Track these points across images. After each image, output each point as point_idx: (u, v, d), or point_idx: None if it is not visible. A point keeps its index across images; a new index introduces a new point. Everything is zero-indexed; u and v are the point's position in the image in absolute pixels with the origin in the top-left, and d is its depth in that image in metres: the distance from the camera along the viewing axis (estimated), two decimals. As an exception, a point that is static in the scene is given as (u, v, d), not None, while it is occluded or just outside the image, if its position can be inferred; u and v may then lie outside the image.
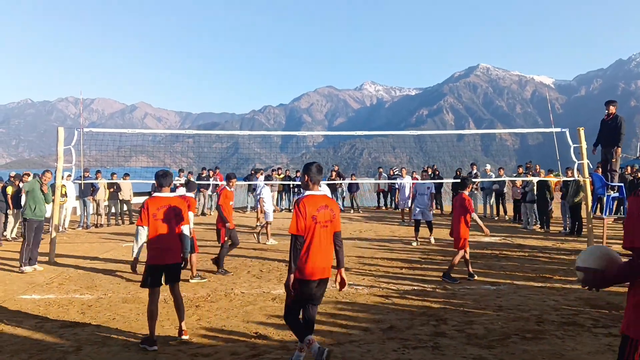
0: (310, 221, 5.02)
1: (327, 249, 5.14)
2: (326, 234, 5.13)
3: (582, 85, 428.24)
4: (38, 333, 6.42)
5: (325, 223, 5.11)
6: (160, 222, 6.06)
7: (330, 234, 5.18)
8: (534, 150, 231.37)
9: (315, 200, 5.13)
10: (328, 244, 5.16)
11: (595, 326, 6.39)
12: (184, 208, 6.33)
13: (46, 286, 9.12)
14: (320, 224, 5.07)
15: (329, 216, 5.15)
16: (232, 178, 10.89)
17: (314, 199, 5.15)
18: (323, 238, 5.09)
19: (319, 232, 5.06)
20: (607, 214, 12.47)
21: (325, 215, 5.11)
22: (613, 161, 11.82)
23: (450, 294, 8.19)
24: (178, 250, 6.19)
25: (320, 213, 5.08)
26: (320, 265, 5.07)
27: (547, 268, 10.22)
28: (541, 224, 16.33)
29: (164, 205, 6.14)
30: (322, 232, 5.08)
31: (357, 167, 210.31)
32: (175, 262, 6.14)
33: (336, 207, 5.34)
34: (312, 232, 5.04)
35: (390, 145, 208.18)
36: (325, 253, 5.11)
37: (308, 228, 5.03)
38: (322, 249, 5.07)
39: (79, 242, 14.41)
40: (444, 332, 6.21)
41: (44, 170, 11.40)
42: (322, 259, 5.09)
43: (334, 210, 5.24)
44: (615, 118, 11.83)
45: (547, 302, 7.61)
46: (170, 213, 6.13)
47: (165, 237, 6.06)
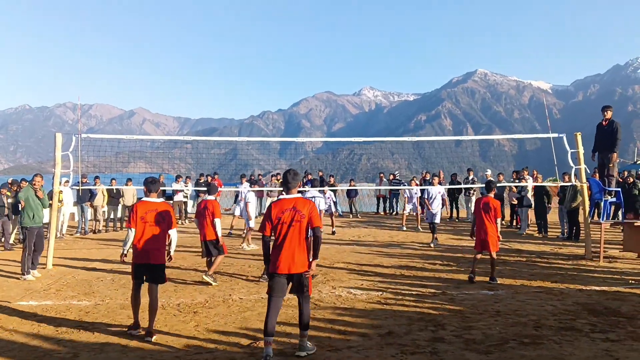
0: (276, 222, 5.63)
1: (297, 247, 5.60)
2: (296, 233, 5.61)
3: (579, 91, 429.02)
4: (35, 339, 6.40)
5: (291, 223, 5.60)
6: (146, 225, 6.54)
7: (301, 231, 5.64)
8: (532, 155, 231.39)
9: (282, 204, 5.70)
10: (298, 242, 5.63)
11: (593, 331, 6.39)
12: (171, 213, 6.82)
13: (44, 292, 9.11)
14: (285, 224, 5.61)
15: (297, 216, 5.61)
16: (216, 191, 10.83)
17: (282, 202, 5.72)
18: (293, 236, 5.60)
19: (286, 231, 5.61)
20: (604, 219, 12.49)
21: (289, 215, 5.61)
22: (610, 166, 11.84)
23: (449, 299, 8.19)
24: (161, 253, 6.69)
25: (285, 214, 5.62)
26: (287, 261, 5.58)
27: (545, 273, 10.24)
28: (539, 229, 16.34)
29: (151, 209, 6.62)
30: (290, 230, 5.60)
31: (355, 173, 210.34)
32: (157, 263, 6.62)
33: (307, 206, 5.71)
34: (280, 231, 5.63)
35: (389, 150, 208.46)
36: (292, 250, 5.60)
37: (276, 228, 5.64)
38: (290, 246, 5.59)
39: (77, 248, 14.39)
40: (442, 338, 6.20)
41: (34, 175, 11.39)
42: (289, 255, 5.58)
43: (303, 210, 5.65)
44: (611, 123, 11.87)
45: (545, 307, 7.61)
46: (156, 217, 6.61)
47: (150, 239, 6.57)
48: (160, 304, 7.91)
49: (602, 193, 12.14)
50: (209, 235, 9.62)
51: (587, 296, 8.27)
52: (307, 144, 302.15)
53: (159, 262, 6.66)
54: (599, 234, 12.34)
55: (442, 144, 30.05)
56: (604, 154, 11.94)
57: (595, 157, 12.24)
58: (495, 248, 9.63)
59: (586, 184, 12.43)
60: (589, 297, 8.22)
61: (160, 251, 6.67)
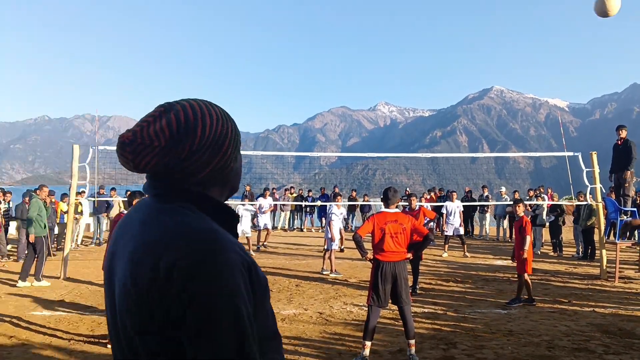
0: (380, 232, 6.33)
1: (397, 256, 6.31)
2: (398, 243, 6.28)
3: (596, 109, 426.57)
4: (48, 350, 6.45)
5: (394, 234, 6.31)
6: None
7: (404, 242, 6.34)
8: (548, 173, 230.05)
9: (385, 216, 6.39)
10: (399, 251, 6.29)
11: (607, 352, 6.30)
12: None
13: (57, 303, 9.17)
14: (388, 234, 6.29)
15: (399, 229, 6.32)
16: None
17: (385, 215, 6.42)
18: (396, 246, 6.27)
19: (390, 241, 6.27)
20: (620, 239, 12.36)
21: (393, 228, 6.30)
22: (626, 186, 11.74)
23: (461, 318, 8.13)
24: None
25: (388, 226, 6.30)
26: (389, 269, 6.31)
27: (559, 292, 10.13)
28: (554, 248, 16.21)
29: None
30: (393, 241, 6.28)
31: (370, 187, 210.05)
32: None
33: (408, 220, 6.45)
34: (382, 240, 6.31)
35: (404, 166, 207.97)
36: (393, 259, 6.32)
37: (378, 237, 6.34)
38: (392, 256, 6.29)
39: (92, 259, 14.48)
40: (453, 356, 6.16)
41: (40, 185, 11.69)
42: (391, 263, 6.27)
43: (405, 223, 6.38)
44: (625, 142, 11.81)
45: (558, 327, 7.53)
46: None
47: None
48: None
49: (617, 213, 12.03)
50: None
51: (602, 317, 8.17)
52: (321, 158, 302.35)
53: None
54: (614, 254, 12.21)
55: (458, 160, 29.96)
56: (619, 173, 11.86)
57: (612, 178, 12.16)
58: (520, 270, 9.16)
59: (601, 203, 12.32)
60: (603, 318, 8.12)
61: None
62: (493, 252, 16.15)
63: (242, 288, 1.21)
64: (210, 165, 1.38)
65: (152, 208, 1.36)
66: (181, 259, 1.19)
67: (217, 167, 1.40)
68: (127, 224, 1.40)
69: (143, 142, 1.32)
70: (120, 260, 1.32)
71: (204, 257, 1.20)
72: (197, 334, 1.15)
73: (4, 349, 6.47)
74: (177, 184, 1.37)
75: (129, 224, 1.39)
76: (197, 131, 1.35)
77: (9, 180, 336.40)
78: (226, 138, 1.40)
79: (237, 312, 1.18)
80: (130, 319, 1.24)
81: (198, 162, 1.36)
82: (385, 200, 6.53)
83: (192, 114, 1.35)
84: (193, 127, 1.34)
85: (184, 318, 1.16)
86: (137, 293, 1.22)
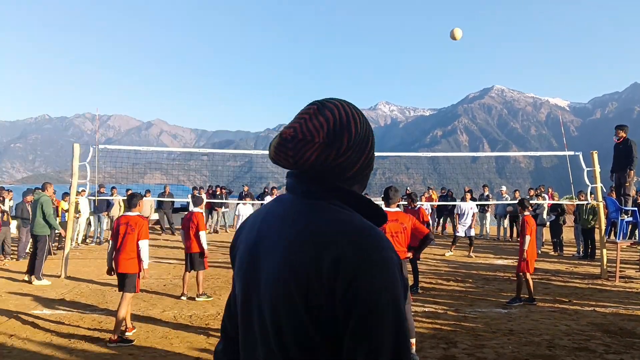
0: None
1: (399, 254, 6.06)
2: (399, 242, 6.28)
3: (597, 108, 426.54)
4: (48, 348, 6.45)
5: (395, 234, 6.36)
6: (119, 237, 7.05)
7: (405, 240, 6.40)
8: (549, 172, 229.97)
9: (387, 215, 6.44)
10: (399, 250, 6.19)
11: (607, 352, 6.30)
12: (141, 225, 7.14)
13: (57, 301, 9.17)
14: (388, 233, 6.33)
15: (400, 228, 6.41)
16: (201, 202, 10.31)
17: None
18: (396, 245, 6.16)
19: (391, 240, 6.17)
20: (620, 238, 12.35)
21: (394, 227, 6.37)
22: (626, 185, 11.73)
23: (461, 317, 8.13)
24: (129, 262, 7.02)
25: (389, 225, 6.33)
26: None
27: (559, 292, 10.13)
28: (554, 248, 16.20)
29: (124, 222, 7.15)
30: (394, 240, 6.26)
31: (370, 187, 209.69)
32: (124, 272, 7.00)
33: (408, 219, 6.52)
34: None
35: (404, 165, 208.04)
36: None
37: None
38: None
39: (92, 258, 14.48)
40: (453, 356, 6.16)
41: (44, 183, 11.73)
42: None
43: (405, 222, 6.44)
44: (625, 142, 11.79)
45: (558, 326, 7.53)
46: (127, 229, 7.06)
47: (119, 249, 7.03)
48: (172, 315, 7.96)
49: (618, 212, 12.02)
50: (193, 248, 9.49)
51: (602, 316, 8.16)
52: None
53: (125, 271, 7.01)
54: (615, 253, 12.21)
55: (458, 159, 29.98)
56: (620, 173, 11.85)
57: (613, 177, 12.15)
58: (519, 268, 9.20)
59: (602, 203, 12.32)
60: (604, 317, 8.12)
61: (128, 261, 7.02)
62: (494, 252, 16.14)
63: (401, 286, 1.24)
64: (359, 163, 1.41)
65: (303, 204, 1.38)
66: (348, 254, 1.21)
67: (363, 165, 1.43)
68: (271, 219, 1.43)
69: (304, 137, 1.34)
70: (271, 255, 1.34)
71: (369, 253, 1.22)
72: (362, 329, 1.17)
73: (5, 347, 6.47)
74: (329, 181, 1.39)
75: (272, 220, 1.42)
76: (350, 128, 1.38)
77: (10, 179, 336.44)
78: (370, 137, 1.44)
79: (399, 309, 1.21)
80: (285, 313, 1.26)
81: (350, 160, 1.39)
82: (386, 199, 6.58)
83: (344, 112, 1.39)
84: (347, 125, 1.38)
85: (350, 314, 1.18)
86: (297, 286, 1.24)
